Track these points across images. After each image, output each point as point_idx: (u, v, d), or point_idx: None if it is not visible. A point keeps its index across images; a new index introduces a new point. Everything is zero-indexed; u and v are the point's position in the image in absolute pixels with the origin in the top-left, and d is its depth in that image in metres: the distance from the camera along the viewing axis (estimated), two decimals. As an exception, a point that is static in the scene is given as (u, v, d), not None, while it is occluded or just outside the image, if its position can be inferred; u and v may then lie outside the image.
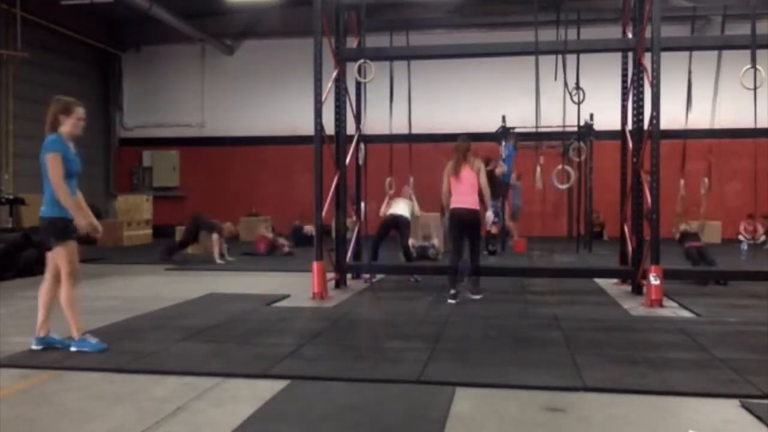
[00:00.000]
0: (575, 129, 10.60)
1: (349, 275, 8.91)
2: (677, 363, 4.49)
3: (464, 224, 7.21)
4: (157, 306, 6.93)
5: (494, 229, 12.51)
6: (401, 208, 9.21)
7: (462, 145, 7.33)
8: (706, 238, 14.97)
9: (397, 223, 9.08)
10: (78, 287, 4.88)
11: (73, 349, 4.84)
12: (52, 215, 4.76)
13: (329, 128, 8.27)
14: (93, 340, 4.91)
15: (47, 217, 4.76)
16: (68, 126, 4.80)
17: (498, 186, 12.08)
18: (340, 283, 8.51)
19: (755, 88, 7.40)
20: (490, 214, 8.00)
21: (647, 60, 7.38)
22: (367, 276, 9.07)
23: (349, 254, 9.00)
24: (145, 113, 19.56)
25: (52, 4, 15.97)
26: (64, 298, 4.82)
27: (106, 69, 19.72)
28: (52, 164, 4.65)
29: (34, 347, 4.89)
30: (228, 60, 19.18)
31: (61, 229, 4.78)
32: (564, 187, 8.49)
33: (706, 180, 9.00)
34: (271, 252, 12.69)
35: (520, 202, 13.95)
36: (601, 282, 8.72)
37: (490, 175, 10.37)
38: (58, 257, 4.80)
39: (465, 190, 7.21)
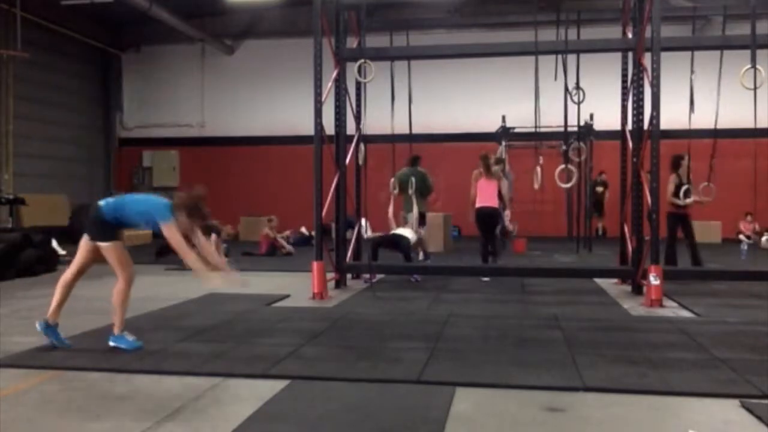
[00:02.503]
0: (575, 129, 10.59)
1: (349, 275, 8.91)
2: (677, 363, 4.49)
3: (486, 217, 9.16)
4: (157, 306, 6.92)
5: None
6: (404, 231, 9.40)
7: (486, 158, 9.27)
8: (705, 237, 15.08)
9: (398, 243, 9.21)
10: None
11: (111, 344, 4.90)
12: (107, 219, 4.79)
13: (329, 128, 8.28)
14: (130, 338, 4.95)
15: (103, 215, 4.77)
16: (180, 222, 4.76)
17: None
18: (340, 283, 8.51)
19: (755, 88, 7.40)
20: (508, 212, 10.22)
21: (647, 60, 7.38)
22: (367, 276, 9.07)
23: (349, 254, 9.01)
24: (145, 113, 19.57)
25: (52, 4, 15.97)
26: (116, 294, 4.93)
27: (106, 69, 19.71)
28: (171, 233, 4.69)
29: (38, 328, 4.91)
30: (228, 60, 19.18)
31: (109, 231, 4.83)
32: (567, 186, 8.47)
33: (712, 186, 8.63)
34: (271, 252, 12.70)
35: (511, 194, 13.18)
36: (601, 282, 8.71)
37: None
38: (108, 256, 4.86)
39: (489, 194, 9.12)
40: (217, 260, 5.03)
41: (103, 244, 4.84)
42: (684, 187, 8.75)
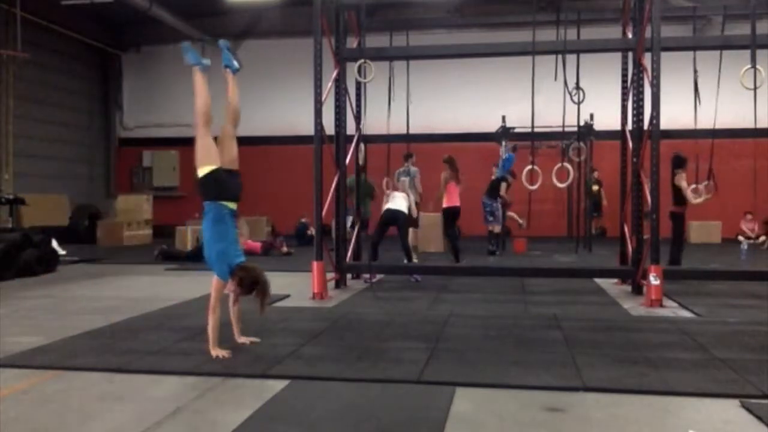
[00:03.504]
0: (575, 129, 10.59)
1: (349, 275, 8.91)
2: (677, 363, 4.49)
3: (454, 215, 10.60)
4: (157, 306, 6.92)
5: (496, 229, 12.54)
6: (398, 202, 9.20)
7: (452, 162, 10.47)
8: (705, 237, 15.11)
9: (396, 219, 9.08)
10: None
11: None
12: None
13: (329, 128, 8.27)
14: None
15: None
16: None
17: (497, 189, 12.25)
18: (340, 283, 8.50)
19: (755, 88, 7.40)
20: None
21: (647, 60, 7.38)
22: (367, 276, 9.06)
23: (349, 254, 9.00)
24: (145, 113, 19.56)
25: (52, 4, 15.97)
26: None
27: (106, 69, 19.71)
28: (215, 288, 4.84)
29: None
30: (228, 60, 19.16)
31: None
32: (563, 185, 8.47)
33: (712, 184, 8.75)
34: (267, 252, 12.68)
35: (505, 174, 12.85)
36: (601, 282, 8.72)
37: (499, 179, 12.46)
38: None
39: (457, 195, 10.46)
40: (236, 329, 5.15)
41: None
42: (700, 185, 8.75)
